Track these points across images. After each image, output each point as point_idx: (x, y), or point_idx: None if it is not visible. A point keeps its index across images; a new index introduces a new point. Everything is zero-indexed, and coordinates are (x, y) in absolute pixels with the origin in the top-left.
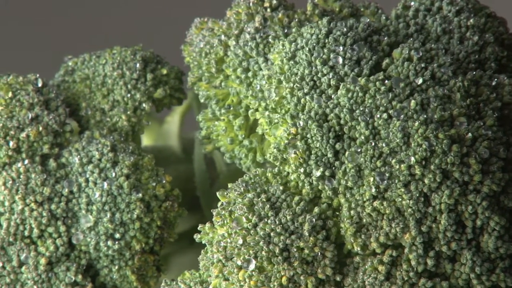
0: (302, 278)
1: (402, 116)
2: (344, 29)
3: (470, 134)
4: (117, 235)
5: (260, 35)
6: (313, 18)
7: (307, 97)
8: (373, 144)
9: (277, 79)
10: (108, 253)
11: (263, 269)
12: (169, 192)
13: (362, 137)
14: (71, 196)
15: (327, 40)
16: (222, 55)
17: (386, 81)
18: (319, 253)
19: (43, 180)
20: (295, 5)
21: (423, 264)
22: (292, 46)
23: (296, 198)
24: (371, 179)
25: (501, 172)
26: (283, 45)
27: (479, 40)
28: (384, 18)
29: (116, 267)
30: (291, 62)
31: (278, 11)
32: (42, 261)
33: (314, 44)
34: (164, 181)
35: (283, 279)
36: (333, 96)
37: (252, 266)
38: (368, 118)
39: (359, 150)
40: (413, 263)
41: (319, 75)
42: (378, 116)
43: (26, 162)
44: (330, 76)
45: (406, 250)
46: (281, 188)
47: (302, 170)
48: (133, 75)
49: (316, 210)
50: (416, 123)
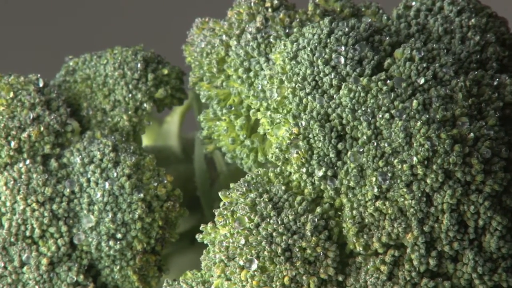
0: (304, 278)
1: (404, 116)
2: (346, 29)
3: (472, 134)
4: (118, 235)
5: (262, 35)
6: (314, 18)
7: (309, 97)
8: (375, 144)
9: (279, 79)
10: (109, 253)
11: (265, 269)
12: (170, 192)
13: (364, 137)
14: (72, 196)
15: (329, 40)
16: (223, 55)
17: (388, 81)
18: (321, 253)
19: (45, 180)
20: (296, 5)
21: (425, 264)
22: (294, 46)
23: (298, 198)
24: (373, 179)
25: (503, 172)
26: (285, 45)
27: (481, 40)
28: (385, 18)
29: (117, 267)
30: (293, 62)
31: (279, 11)
32: (44, 261)
33: (316, 44)
34: (165, 181)
35: (285, 279)
36: (335, 96)
37: (254, 266)
38: (370, 118)
39: (361, 150)
40: (415, 263)
41: (321, 75)
42: (380, 116)
43: (28, 162)
44: (332, 76)
45: (408, 250)
46: (283, 188)
47: (304, 170)
48: (134, 75)
49: (318, 210)
50: (418, 123)
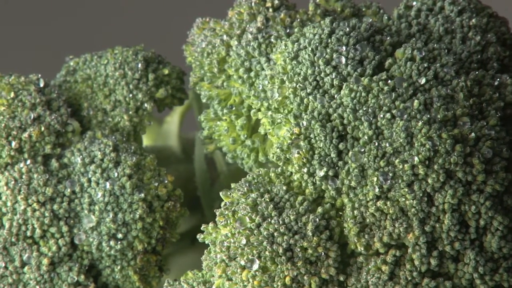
0: (305, 278)
1: (405, 116)
2: (347, 29)
3: (473, 134)
4: (119, 235)
5: (262, 35)
6: (315, 18)
7: (310, 97)
8: (376, 144)
9: (279, 79)
10: (110, 253)
11: (266, 269)
12: (171, 192)
13: (366, 137)
14: (73, 196)
15: (330, 40)
16: (224, 55)
17: (389, 81)
18: (322, 253)
19: (46, 180)
20: (296, 5)
21: (426, 264)
22: (295, 46)
23: (300, 198)
24: (375, 179)
25: (504, 172)
26: (286, 45)
27: (481, 40)
28: (386, 18)
29: (118, 267)
30: (294, 62)
31: (280, 11)
32: (45, 261)
33: (317, 44)
34: (166, 181)
35: (287, 279)
36: (336, 96)
37: (255, 266)
38: (371, 118)
39: (362, 150)
40: (416, 263)
41: (322, 75)
42: (381, 116)
43: (28, 162)
44: (333, 76)
45: (410, 250)
46: (284, 188)
47: (305, 170)
48: (135, 75)
49: (319, 210)
50: (420, 123)
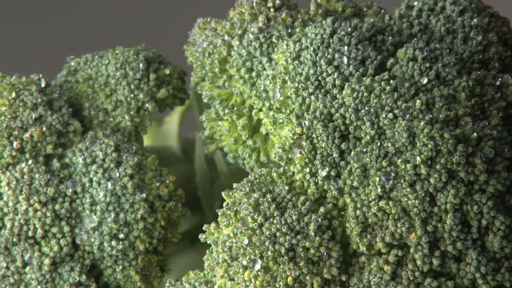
0: (308, 278)
1: (408, 116)
2: (349, 29)
3: (475, 134)
4: (121, 235)
5: (264, 35)
6: (316, 18)
7: (312, 97)
8: (378, 144)
9: (281, 79)
10: (112, 253)
11: (268, 269)
12: (172, 192)
13: (368, 137)
14: (75, 196)
15: (331, 40)
16: (225, 55)
17: (391, 81)
18: (324, 253)
19: (47, 180)
20: (298, 5)
21: (428, 263)
22: (297, 46)
23: (302, 198)
24: (377, 179)
25: (506, 172)
26: (287, 45)
27: (483, 40)
28: (387, 18)
29: (120, 267)
30: (296, 62)
31: (281, 11)
32: (46, 261)
33: (319, 44)
34: (167, 181)
35: (289, 279)
36: (338, 96)
37: (257, 266)
38: (373, 118)
39: (364, 150)
40: (418, 262)
41: (324, 75)
42: (384, 116)
43: (30, 162)
44: (335, 76)
45: (412, 250)
46: (286, 188)
47: (307, 170)
48: (136, 75)
49: (321, 210)
50: (422, 123)
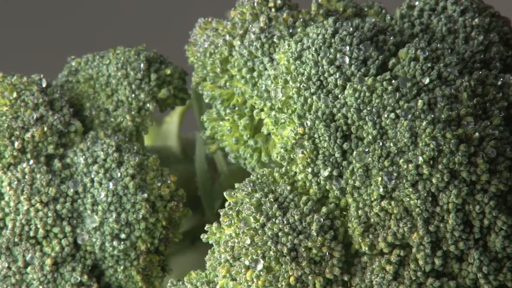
0: (310, 278)
1: (410, 115)
2: (350, 28)
3: (477, 134)
4: (122, 235)
5: (265, 35)
6: (317, 18)
7: (314, 97)
8: (380, 143)
9: (283, 79)
10: (113, 253)
11: (271, 269)
12: (174, 192)
13: (370, 136)
14: (76, 196)
15: (333, 40)
16: (227, 55)
17: (393, 80)
18: (327, 253)
19: (48, 181)
20: (299, 5)
21: (430, 263)
22: (298, 46)
23: (304, 198)
24: (379, 178)
25: (508, 172)
26: (289, 45)
27: (484, 39)
28: (389, 17)
29: (121, 267)
30: (298, 62)
31: (282, 11)
32: (48, 261)
33: (321, 44)
34: (169, 181)
35: (291, 279)
36: (340, 96)
37: (260, 266)
38: (375, 118)
39: (366, 150)
40: (420, 262)
41: (326, 75)
42: (386, 115)
43: (31, 162)
44: (337, 76)
45: (414, 250)
46: (288, 188)
47: (309, 170)
48: (137, 75)
49: (323, 210)
50: (424, 123)
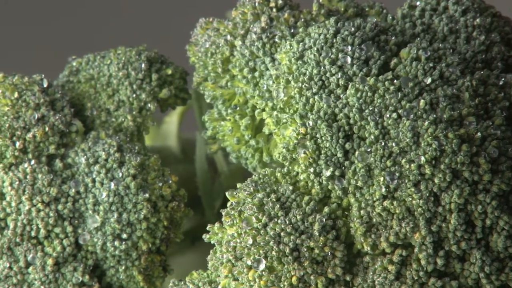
0: (312, 278)
1: (412, 115)
2: (352, 28)
3: (479, 134)
4: (124, 236)
5: (267, 35)
6: (319, 18)
7: (316, 97)
8: (382, 143)
9: (285, 79)
10: (115, 253)
11: (273, 269)
12: (175, 192)
13: (372, 136)
14: (78, 196)
15: (335, 40)
16: (228, 55)
17: (395, 80)
18: (329, 253)
19: (50, 181)
20: (300, 5)
21: (433, 263)
22: (300, 46)
23: (306, 198)
24: (381, 178)
25: (510, 172)
26: (291, 45)
27: (486, 39)
28: (390, 17)
29: (122, 267)
30: (299, 62)
31: (284, 11)
32: (49, 261)
33: (322, 44)
34: (170, 181)
35: (293, 279)
36: (342, 96)
37: (262, 266)
38: (377, 118)
39: (368, 150)
40: (423, 262)
41: (328, 74)
42: (388, 115)
43: (33, 162)
44: (339, 76)
45: (416, 250)
46: (290, 188)
47: (311, 170)
48: (138, 75)
49: (326, 210)
50: (426, 123)
